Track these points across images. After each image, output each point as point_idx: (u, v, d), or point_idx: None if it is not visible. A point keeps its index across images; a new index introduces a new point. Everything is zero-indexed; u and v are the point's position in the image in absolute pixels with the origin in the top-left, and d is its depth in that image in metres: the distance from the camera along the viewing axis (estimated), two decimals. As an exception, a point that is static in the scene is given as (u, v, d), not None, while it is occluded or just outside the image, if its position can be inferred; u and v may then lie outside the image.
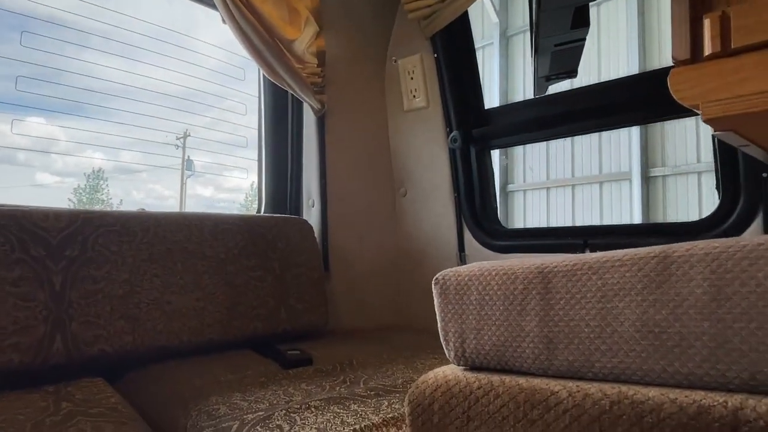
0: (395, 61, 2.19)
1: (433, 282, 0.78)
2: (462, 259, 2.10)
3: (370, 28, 2.20)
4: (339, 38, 2.13)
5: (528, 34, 1.66)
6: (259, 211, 2.29)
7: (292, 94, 2.13)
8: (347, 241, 2.21)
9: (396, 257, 2.29)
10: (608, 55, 8.83)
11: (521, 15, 9.85)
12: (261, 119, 2.35)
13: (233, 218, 1.96)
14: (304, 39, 1.97)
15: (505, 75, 10.13)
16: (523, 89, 9.87)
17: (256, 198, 2.36)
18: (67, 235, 1.53)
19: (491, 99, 9.95)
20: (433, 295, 0.76)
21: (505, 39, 10.16)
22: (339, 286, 2.17)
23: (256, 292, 1.85)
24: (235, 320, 1.75)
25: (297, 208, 2.31)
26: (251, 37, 1.88)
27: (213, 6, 1.94)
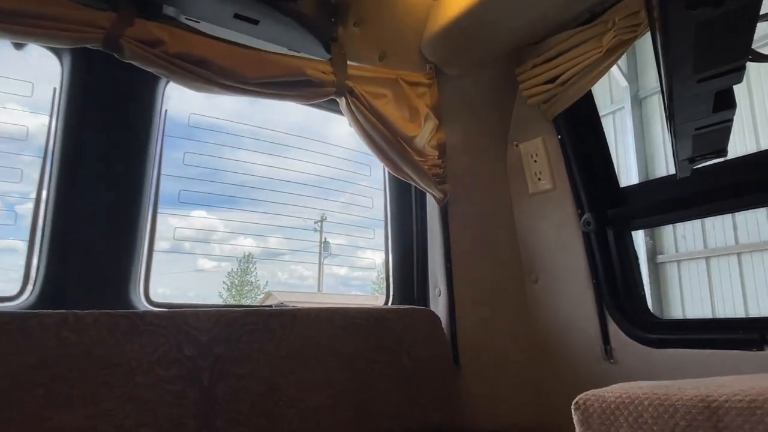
0: (516, 145, 2.16)
1: (573, 406, 0.68)
2: (608, 354, 1.88)
3: (488, 115, 2.22)
4: (458, 129, 2.17)
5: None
6: (386, 302, 2.31)
7: (415, 186, 2.18)
8: (477, 332, 2.11)
9: (531, 350, 2.12)
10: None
11: (654, 75, 9.34)
12: (386, 210, 2.43)
13: (362, 312, 1.99)
14: (424, 134, 2.04)
15: (641, 138, 9.50)
16: (664, 152, 9.12)
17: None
18: (216, 334, 1.67)
19: (627, 165, 9.33)
20: (574, 420, 0.67)
21: (638, 102, 9.64)
22: (470, 381, 2.05)
23: (384, 388, 1.82)
24: (362, 419, 1.72)
25: (424, 297, 2.29)
26: (375, 138, 1.99)
27: (340, 113, 2.10)
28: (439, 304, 2.15)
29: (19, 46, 1.68)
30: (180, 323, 1.67)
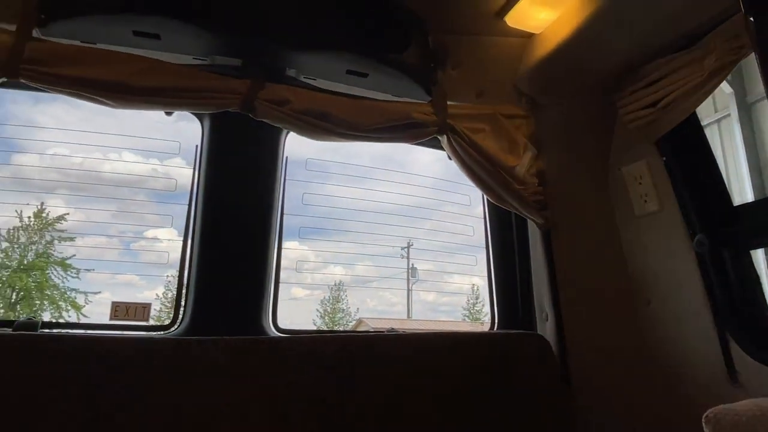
0: (620, 169, 2.17)
1: (703, 420, 0.74)
2: (733, 377, 1.81)
3: (586, 142, 2.26)
4: (557, 157, 2.23)
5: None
6: (492, 327, 2.37)
7: (516, 213, 2.26)
8: (588, 356, 2.11)
9: (647, 373, 2.08)
10: None
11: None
12: (487, 237, 2.51)
13: (470, 336, 2.08)
14: (524, 163, 2.12)
15: (753, 146, 8.75)
16: (782, 160, 8.34)
17: (476, 300, 2.46)
18: (339, 358, 1.84)
19: (739, 177, 8.61)
20: None
21: (746, 107, 8.92)
22: (583, 409, 2.05)
23: (495, 412, 1.87)
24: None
25: (529, 322, 2.33)
26: (476, 170, 2.10)
27: (440, 148, 2.25)
28: (546, 329, 2.19)
29: (169, 113, 2.00)
30: (307, 348, 1.86)
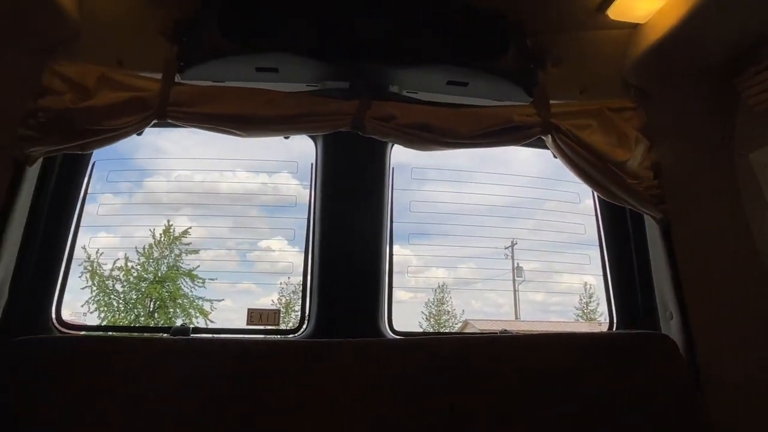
0: (746, 155, 2.02)
1: None
2: None
3: (705, 128, 2.12)
4: (672, 147, 2.12)
5: None
6: (610, 327, 2.30)
7: (630, 209, 2.18)
8: (719, 356, 1.97)
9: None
10: None
11: None
12: (600, 234, 2.45)
13: (588, 337, 2.04)
14: (636, 157, 2.05)
15: None
16: None
17: (590, 299, 2.39)
18: (455, 357, 1.90)
19: None
20: None
21: None
22: (714, 409, 1.92)
23: (620, 415, 1.82)
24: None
25: (651, 321, 2.23)
26: (584, 168, 2.07)
27: (545, 147, 2.23)
28: (672, 328, 2.08)
29: (287, 136, 2.19)
30: (424, 349, 1.95)
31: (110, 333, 2.26)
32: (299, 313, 2.25)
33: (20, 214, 1.89)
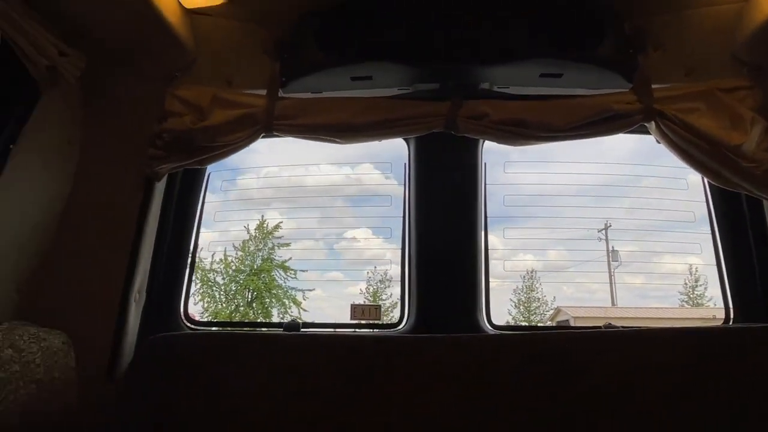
0: None
1: None
2: None
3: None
4: (796, 125, 1.95)
5: None
6: (727, 319, 2.17)
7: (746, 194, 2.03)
8: None
9: None
10: None
11: None
12: (711, 220, 2.31)
13: (700, 331, 1.95)
14: (752, 139, 1.90)
15: None
16: None
17: (696, 283, 2.26)
18: (557, 351, 1.90)
19: None
20: None
21: None
22: None
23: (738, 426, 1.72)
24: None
25: (775, 313, 2.08)
26: (692, 153, 1.96)
27: (646, 132, 2.14)
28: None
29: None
30: (527, 344, 1.96)
31: (228, 329, 2.47)
32: (386, 301, 2.35)
33: (152, 225, 2.13)
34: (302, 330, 2.27)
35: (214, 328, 2.42)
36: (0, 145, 1.70)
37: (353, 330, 2.41)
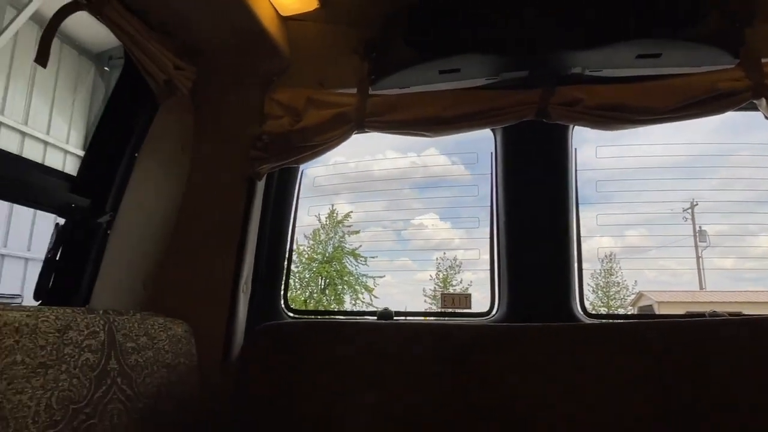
0: None
1: None
2: None
3: None
4: None
5: None
6: None
7: None
8: None
9: None
10: None
11: None
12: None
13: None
14: None
15: None
16: None
17: None
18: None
19: None
20: None
21: None
22: None
23: None
24: None
25: None
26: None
27: (754, 109, 2.01)
28: None
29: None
30: (628, 333, 1.93)
31: (327, 317, 2.60)
32: (456, 287, 2.37)
33: (255, 221, 2.28)
34: (395, 318, 2.36)
35: (312, 317, 2.54)
36: (127, 154, 1.89)
37: (444, 318, 2.46)
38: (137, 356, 1.71)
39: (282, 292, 2.52)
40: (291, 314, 2.50)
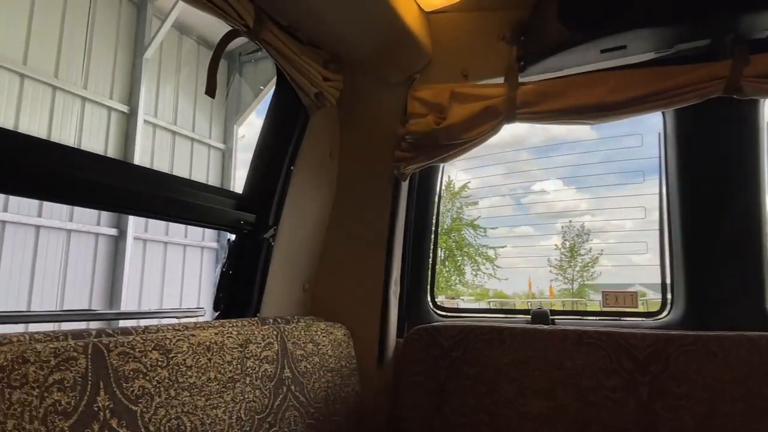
0: None
1: None
2: None
3: None
4: None
5: None
6: None
7: None
8: None
9: None
10: None
11: None
12: None
13: None
14: None
15: None
16: None
17: None
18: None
19: None
20: None
21: None
22: None
23: None
24: None
25: None
26: None
27: None
28: None
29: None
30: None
31: (474, 315, 2.54)
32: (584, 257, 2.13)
33: (401, 221, 2.26)
34: (551, 317, 2.22)
35: (461, 314, 2.50)
36: (285, 168, 1.95)
37: (607, 319, 2.27)
38: (306, 363, 1.79)
39: (428, 291, 2.50)
40: (438, 312, 2.48)
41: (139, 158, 9.68)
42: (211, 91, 1.58)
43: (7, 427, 0.92)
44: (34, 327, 2.52)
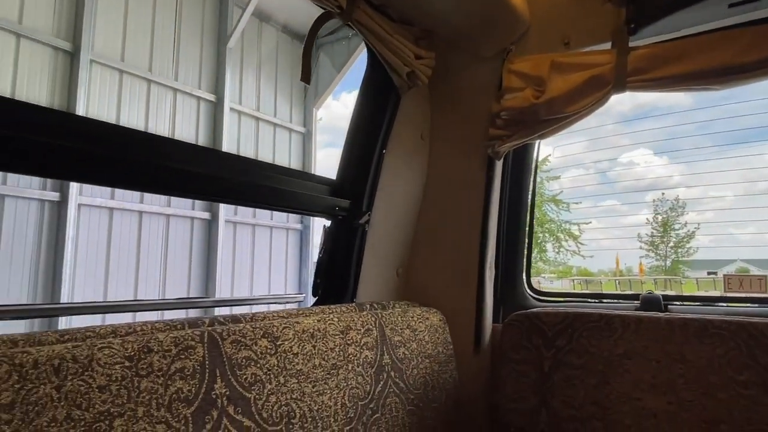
0: None
1: None
2: None
3: None
4: None
5: None
6: None
7: None
8: None
9: None
10: None
11: None
12: None
13: None
14: None
15: None
16: None
17: None
18: None
19: None
20: None
21: None
22: None
23: None
24: None
25: None
26: None
27: None
28: None
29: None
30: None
31: (574, 300, 2.39)
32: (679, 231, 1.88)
33: (495, 202, 2.16)
34: (664, 303, 2.04)
35: (559, 299, 2.37)
36: (377, 151, 1.92)
37: (732, 305, 2.05)
38: (404, 349, 1.76)
39: (524, 274, 2.39)
40: (535, 296, 2.36)
41: (227, 145, 10.14)
42: (306, 76, 1.56)
43: (138, 413, 0.96)
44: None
